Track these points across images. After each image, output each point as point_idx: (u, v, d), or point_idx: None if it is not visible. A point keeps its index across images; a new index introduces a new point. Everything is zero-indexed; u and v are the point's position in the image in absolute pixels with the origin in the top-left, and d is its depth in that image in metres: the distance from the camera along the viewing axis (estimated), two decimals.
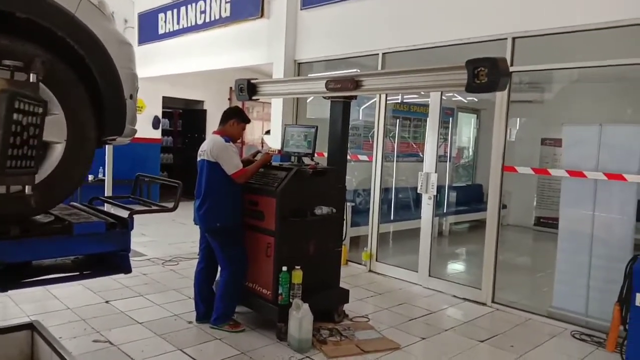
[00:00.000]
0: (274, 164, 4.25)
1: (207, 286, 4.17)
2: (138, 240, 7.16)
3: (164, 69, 9.42)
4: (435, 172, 5.59)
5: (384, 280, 5.74)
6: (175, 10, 8.80)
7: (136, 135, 7.96)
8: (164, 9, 9.08)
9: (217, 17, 7.83)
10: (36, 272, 2.18)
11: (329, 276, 4.30)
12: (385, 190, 7.80)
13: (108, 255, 2.19)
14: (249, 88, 5.02)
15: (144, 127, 10.62)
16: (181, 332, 3.97)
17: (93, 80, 2.14)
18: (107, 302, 4.56)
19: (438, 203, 8.59)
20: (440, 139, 6.94)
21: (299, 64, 6.81)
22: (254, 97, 5.13)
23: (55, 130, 2.02)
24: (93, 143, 2.18)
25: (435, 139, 5.63)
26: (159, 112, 10.88)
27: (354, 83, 4.19)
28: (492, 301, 4.97)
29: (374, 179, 6.15)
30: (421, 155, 7.11)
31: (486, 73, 3.43)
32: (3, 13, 1.82)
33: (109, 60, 2.17)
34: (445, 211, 8.78)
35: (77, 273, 2.19)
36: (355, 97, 4.41)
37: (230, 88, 11.15)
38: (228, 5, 7.61)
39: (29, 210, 1.88)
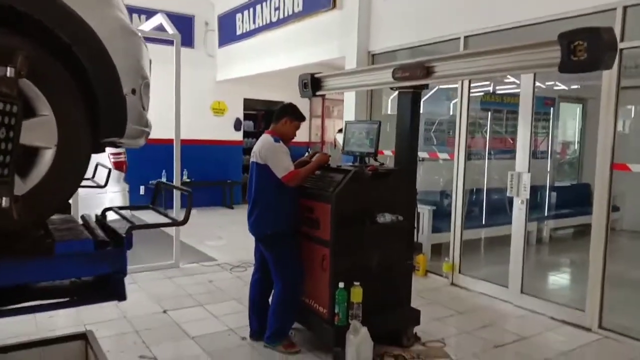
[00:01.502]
0: (333, 165, 3.81)
1: (263, 299, 3.81)
2: (214, 244, 7.11)
3: (242, 70, 9.35)
4: (529, 171, 4.80)
5: (468, 296, 5.06)
6: (251, 9, 8.68)
7: (218, 138, 7.90)
8: (241, 9, 9.00)
9: (291, 12, 7.55)
10: (32, 295, 1.92)
11: (397, 293, 3.76)
12: (475, 192, 7.07)
13: (103, 278, 1.87)
14: (312, 83, 4.63)
15: (227, 130, 10.70)
16: (232, 351, 3.65)
17: (85, 73, 1.83)
18: (164, 311, 4.37)
19: (537, 205, 7.66)
20: (540, 132, 6.03)
21: (373, 55, 6.29)
22: (318, 93, 4.73)
23: (45, 133, 1.73)
24: (88, 147, 1.86)
25: (528, 134, 4.82)
26: (240, 114, 10.86)
27: (424, 70, 3.62)
28: (599, 326, 4.13)
29: (456, 179, 5.47)
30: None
31: (585, 47, 2.74)
32: None
33: (100, 48, 1.84)
34: (545, 215, 7.79)
35: (67, 299, 1.89)
36: (426, 86, 3.84)
37: None
38: None
39: (12, 225, 1.61)
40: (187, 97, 9.61)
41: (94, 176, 3.65)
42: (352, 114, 6.29)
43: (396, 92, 5.89)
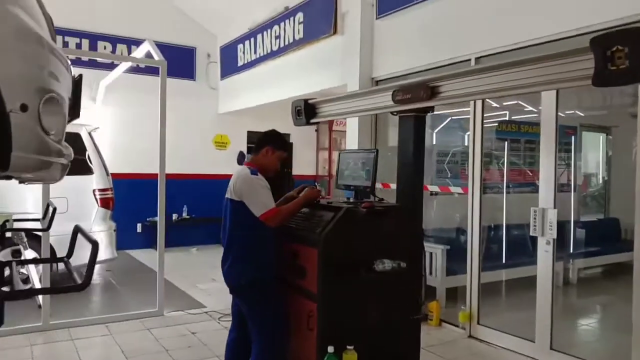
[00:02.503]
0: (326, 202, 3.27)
1: None
2: (206, 287, 6.50)
3: (245, 102, 8.96)
4: (554, 207, 4.20)
5: (489, 352, 4.37)
6: (252, 39, 8.34)
7: (221, 172, 7.62)
8: (242, 39, 8.69)
9: (291, 40, 7.17)
10: None
11: (402, 356, 3.13)
12: (493, 228, 6.46)
13: None
14: (306, 110, 4.15)
15: (230, 164, 10.26)
16: None
17: None
18: None
19: (562, 243, 6.97)
20: (561, 164, 5.50)
21: (377, 82, 5.81)
22: (312, 120, 4.24)
23: None
24: None
25: (552, 165, 4.24)
26: (243, 147, 10.44)
27: (428, 90, 3.11)
28: None
29: (471, 215, 4.86)
30: (537, 183, 5.75)
31: (627, 53, 2.19)
32: None
33: None
34: (571, 253, 7.08)
35: None
36: (431, 109, 3.31)
37: None
38: (301, 26, 6.93)
39: None
40: (189, 130, 9.31)
41: (44, 217, 3.16)
42: (355, 145, 5.77)
43: None
